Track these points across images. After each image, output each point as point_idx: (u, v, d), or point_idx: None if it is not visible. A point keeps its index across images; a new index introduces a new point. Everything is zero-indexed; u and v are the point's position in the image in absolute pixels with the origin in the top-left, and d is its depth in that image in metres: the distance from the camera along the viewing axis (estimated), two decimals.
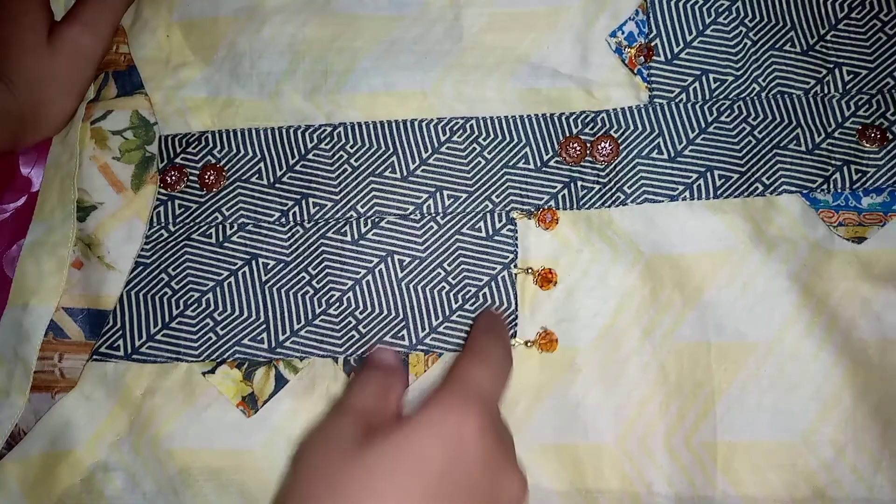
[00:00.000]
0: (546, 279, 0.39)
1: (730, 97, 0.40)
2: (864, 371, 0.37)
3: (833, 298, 0.38)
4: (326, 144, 0.41)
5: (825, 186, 0.39)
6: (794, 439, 0.37)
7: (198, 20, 0.42)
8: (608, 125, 0.41)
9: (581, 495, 0.38)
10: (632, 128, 0.40)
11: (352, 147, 0.41)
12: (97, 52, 0.41)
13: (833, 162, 0.39)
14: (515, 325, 0.39)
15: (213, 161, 0.41)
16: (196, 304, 0.40)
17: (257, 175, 0.41)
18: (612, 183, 0.40)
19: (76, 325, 0.40)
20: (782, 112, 0.40)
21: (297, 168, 0.41)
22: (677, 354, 0.38)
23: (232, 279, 0.40)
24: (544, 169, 0.40)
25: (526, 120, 0.41)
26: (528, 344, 0.39)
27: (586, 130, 0.41)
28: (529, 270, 0.39)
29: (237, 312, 0.39)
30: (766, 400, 0.38)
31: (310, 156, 0.41)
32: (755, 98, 0.40)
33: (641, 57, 0.41)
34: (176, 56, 0.42)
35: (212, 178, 0.41)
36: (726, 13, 0.41)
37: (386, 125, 0.41)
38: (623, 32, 0.41)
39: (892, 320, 0.38)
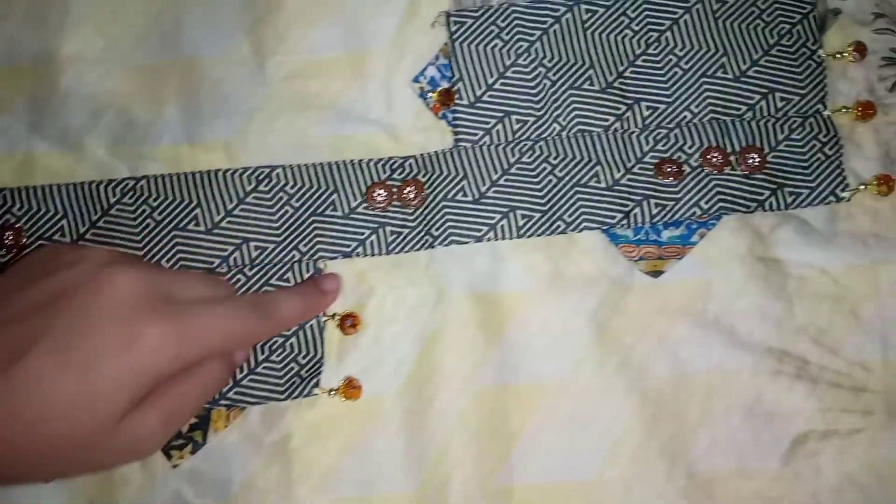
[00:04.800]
0: (350, 325, 0.39)
1: (531, 138, 0.41)
2: (655, 407, 0.38)
3: (629, 335, 0.39)
4: (129, 199, 0.40)
5: (625, 221, 0.40)
6: (588, 478, 0.37)
7: None
8: (416, 170, 0.41)
9: None
10: (438, 172, 0.41)
11: (155, 200, 0.40)
12: None
13: (633, 197, 0.40)
14: (321, 373, 0.39)
15: (13, 220, 0.40)
16: None
17: (59, 233, 0.40)
18: (421, 227, 0.40)
19: None
20: (582, 150, 0.40)
21: (100, 224, 0.40)
22: (477, 399, 0.38)
23: None
24: (352, 216, 0.40)
25: (334, 167, 0.41)
26: (331, 392, 0.38)
27: (395, 176, 0.41)
28: (335, 316, 0.39)
29: None
30: (562, 440, 0.38)
31: (113, 211, 0.40)
32: (556, 137, 0.41)
33: (444, 101, 0.41)
34: None
35: (11, 238, 0.40)
36: (525, 54, 0.41)
37: (189, 177, 0.40)
38: (425, 77, 0.42)
39: (686, 355, 0.38)
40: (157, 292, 0.33)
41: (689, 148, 0.40)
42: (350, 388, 0.38)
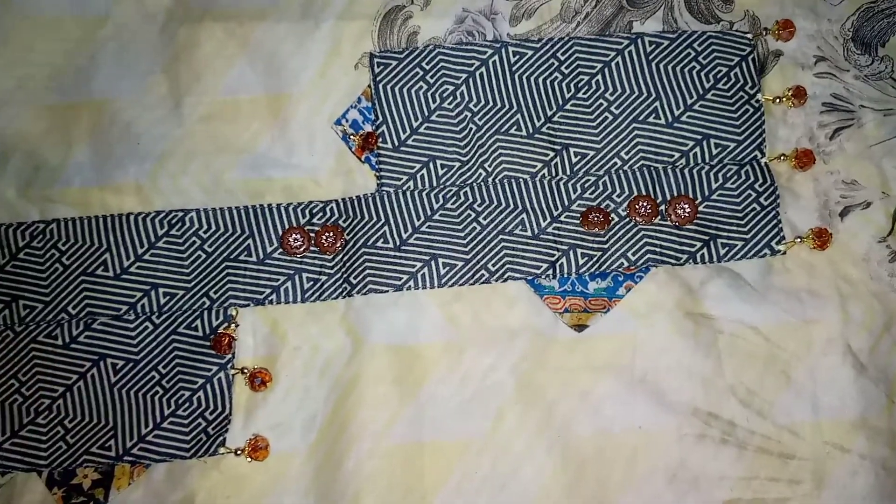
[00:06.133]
0: (260, 382, 0.37)
1: (457, 183, 0.39)
2: (576, 467, 0.36)
3: (551, 391, 0.37)
4: (38, 242, 0.39)
5: (551, 272, 0.38)
6: None
7: None
8: (336, 215, 0.39)
9: None
10: (359, 217, 0.39)
11: (64, 245, 0.39)
12: None
13: (559, 246, 0.38)
14: (227, 430, 0.37)
15: None
16: None
17: None
18: (339, 274, 0.39)
19: None
20: (508, 197, 0.39)
21: (8, 269, 0.39)
22: (389, 457, 0.37)
23: None
24: (267, 261, 0.39)
25: (250, 211, 0.39)
26: (238, 452, 0.37)
27: (314, 220, 0.39)
28: (244, 371, 0.38)
29: None
30: (480, 500, 0.36)
31: (21, 255, 0.39)
32: (482, 183, 0.39)
33: (367, 145, 0.40)
34: None
35: None
36: (451, 98, 0.40)
37: (100, 220, 0.39)
38: (347, 120, 0.40)
39: (610, 412, 0.37)
40: None
41: (618, 196, 0.39)
42: (256, 448, 0.37)
